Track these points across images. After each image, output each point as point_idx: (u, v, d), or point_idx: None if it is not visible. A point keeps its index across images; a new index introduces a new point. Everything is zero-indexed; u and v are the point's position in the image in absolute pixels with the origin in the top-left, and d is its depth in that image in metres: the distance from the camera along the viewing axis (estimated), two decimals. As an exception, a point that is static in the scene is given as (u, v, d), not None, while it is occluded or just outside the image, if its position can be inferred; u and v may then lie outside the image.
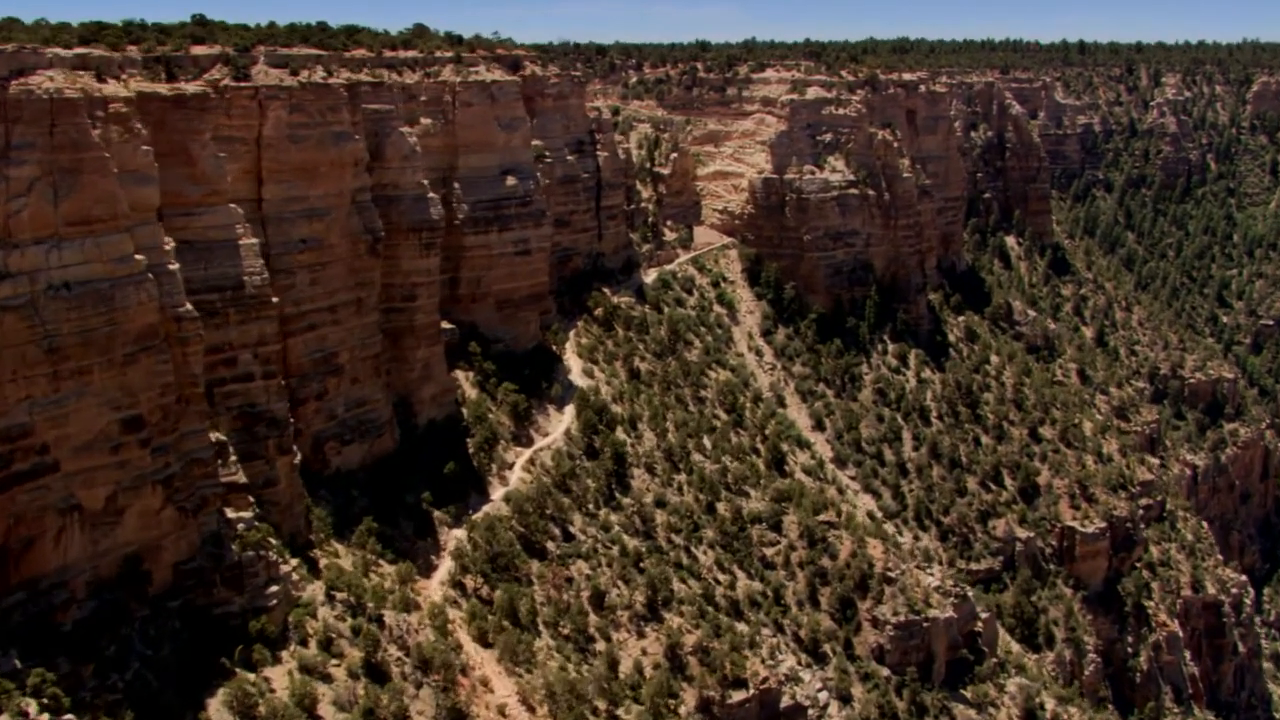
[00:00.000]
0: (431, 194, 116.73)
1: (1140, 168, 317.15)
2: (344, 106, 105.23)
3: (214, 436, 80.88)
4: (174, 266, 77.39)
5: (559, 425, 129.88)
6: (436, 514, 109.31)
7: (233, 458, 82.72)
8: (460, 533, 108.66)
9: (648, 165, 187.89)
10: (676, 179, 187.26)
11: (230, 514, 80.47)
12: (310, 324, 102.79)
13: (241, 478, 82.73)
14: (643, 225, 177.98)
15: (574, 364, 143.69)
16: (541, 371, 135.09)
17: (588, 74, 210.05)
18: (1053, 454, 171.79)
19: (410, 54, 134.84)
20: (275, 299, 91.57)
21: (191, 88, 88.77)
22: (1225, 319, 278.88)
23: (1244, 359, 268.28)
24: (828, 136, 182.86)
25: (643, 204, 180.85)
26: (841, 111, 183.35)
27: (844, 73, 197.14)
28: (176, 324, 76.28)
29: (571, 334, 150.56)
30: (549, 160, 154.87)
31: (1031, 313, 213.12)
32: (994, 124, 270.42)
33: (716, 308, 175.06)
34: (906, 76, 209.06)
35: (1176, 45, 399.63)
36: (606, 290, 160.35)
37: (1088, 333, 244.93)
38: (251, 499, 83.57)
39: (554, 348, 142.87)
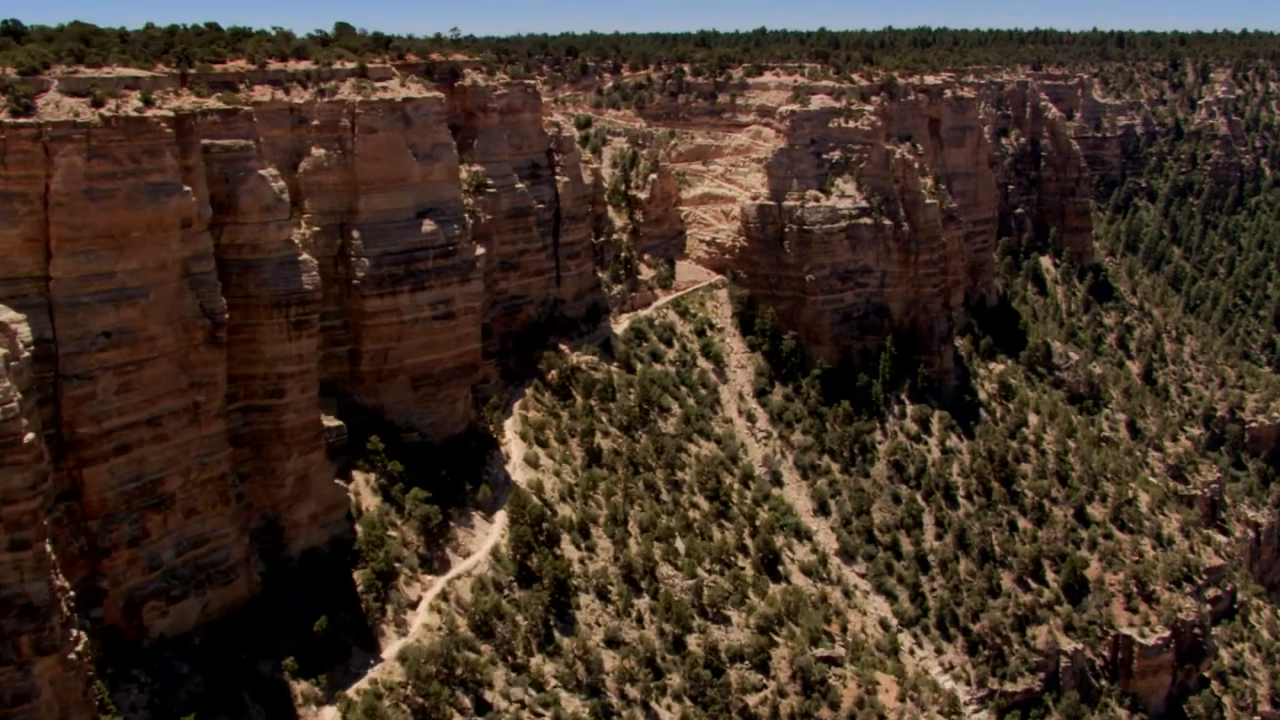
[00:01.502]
0: (305, 256, 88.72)
1: (1187, 174, 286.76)
2: (168, 148, 77.41)
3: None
4: None
5: (486, 541, 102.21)
6: (301, 687, 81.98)
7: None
8: (333, 714, 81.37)
9: (622, 187, 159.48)
10: (656, 204, 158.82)
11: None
12: (119, 445, 75.85)
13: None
14: (614, 262, 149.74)
15: (515, 450, 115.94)
16: (469, 467, 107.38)
17: (555, 77, 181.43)
18: (1103, 540, 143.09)
19: (304, 65, 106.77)
20: (32, 436, 63.65)
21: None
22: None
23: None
24: (835, 154, 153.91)
25: (615, 235, 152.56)
26: (852, 124, 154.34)
27: (855, 76, 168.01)
28: None
29: (517, 406, 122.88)
30: (492, 190, 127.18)
31: (1073, 355, 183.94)
32: (1027, 129, 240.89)
33: (701, 362, 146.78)
34: (929, 79, 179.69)
35: (1226, 35, 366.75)
36: (564, 347, 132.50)
37: (1134, 369, 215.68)
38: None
39: (490, 429, 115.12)
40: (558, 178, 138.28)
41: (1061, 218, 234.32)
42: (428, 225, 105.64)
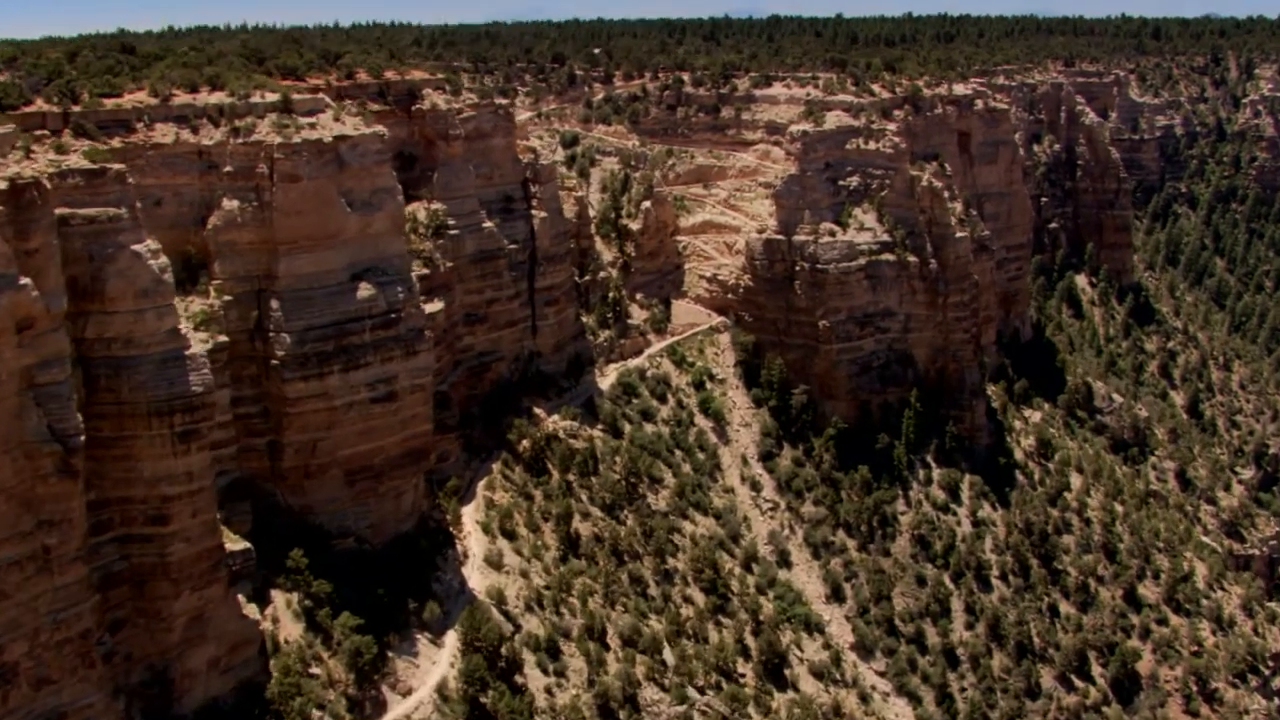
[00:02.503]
0: (194, 349, 71.50)
1: (1230, 178, 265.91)
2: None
3: None
4: None
5: (432, 674, 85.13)
6: None
7: None
8: None
9: (612, 216, 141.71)
10: (650, 235, 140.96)
11: None
12: (-65, 612, 58.86)
13: None
14: (601, 304, 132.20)
15: (476, 546, 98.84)
16: (415, 576, 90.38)
17: (538, 88, 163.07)
18: (1157, 625, 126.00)
19: (218, 98, 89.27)
20: None
21: None
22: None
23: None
24: (853, 180, 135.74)
25: (603, 272, 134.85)
26: (872, 145, 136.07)
27: (876, 87, 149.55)
28: None
29: (481, 487, 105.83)
30: (454, 232, 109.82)
31: (1116, 397, 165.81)
32: (1062, 135, 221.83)
33: (699, 420, 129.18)
34: (958, 89, 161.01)
35: (1264, 23, 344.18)
36: (540, 411, 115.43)
37: (1178, 400, 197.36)
38: None
39: (447, 520, 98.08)
40: (534, 212, 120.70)
41: (1099, 232, 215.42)
42: (364, 289, 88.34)
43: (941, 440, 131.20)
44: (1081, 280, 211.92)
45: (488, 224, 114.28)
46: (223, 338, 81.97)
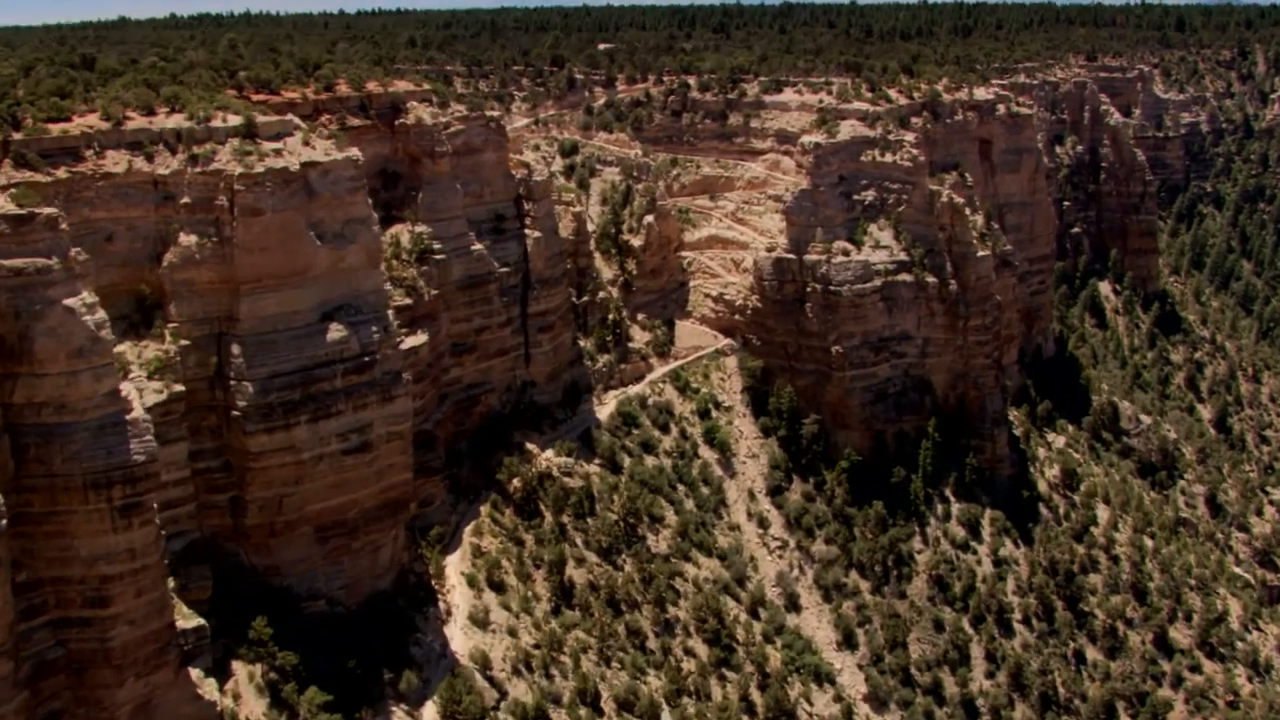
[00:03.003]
0: (135, 412, 64.28)
1: (1258, 177, 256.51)
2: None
3: None
4: None
5: (407, 752, 78.21)
6: None
7: None
8: None
9: (613, 231, 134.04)
10: (653, 252, 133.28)
11: None
12: None
13: None
14: (599, 327, 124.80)
15: (461, 600, 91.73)
16: (392, 640, 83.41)
17: (536, 93, 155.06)
18: (1190, 673, 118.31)
19: (176, 121, 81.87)
20: None
21: None
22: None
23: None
24: (869, 194, 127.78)
25: (602, 293, 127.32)
26: (889, 158, 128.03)
27: (893, 93, 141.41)
28: None
29: (468, 532, 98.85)
30: (440, 257, 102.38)
31: (1144, 418, 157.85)
32: (1085, 136, 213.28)
33: (704, 451, 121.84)
34: (979, 93, 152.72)
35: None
36: (533, 446, 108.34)
37: (1205, 414, 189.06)
38: None
39: (429, 574, 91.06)
40: (528, 232, 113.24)
41: (1123, 238, 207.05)
42: (335, 330, 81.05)
43: (961, 472, 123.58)
44: (1105, 288, 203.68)
45: (477, 246, 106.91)
46: (179, 387, 75.04)
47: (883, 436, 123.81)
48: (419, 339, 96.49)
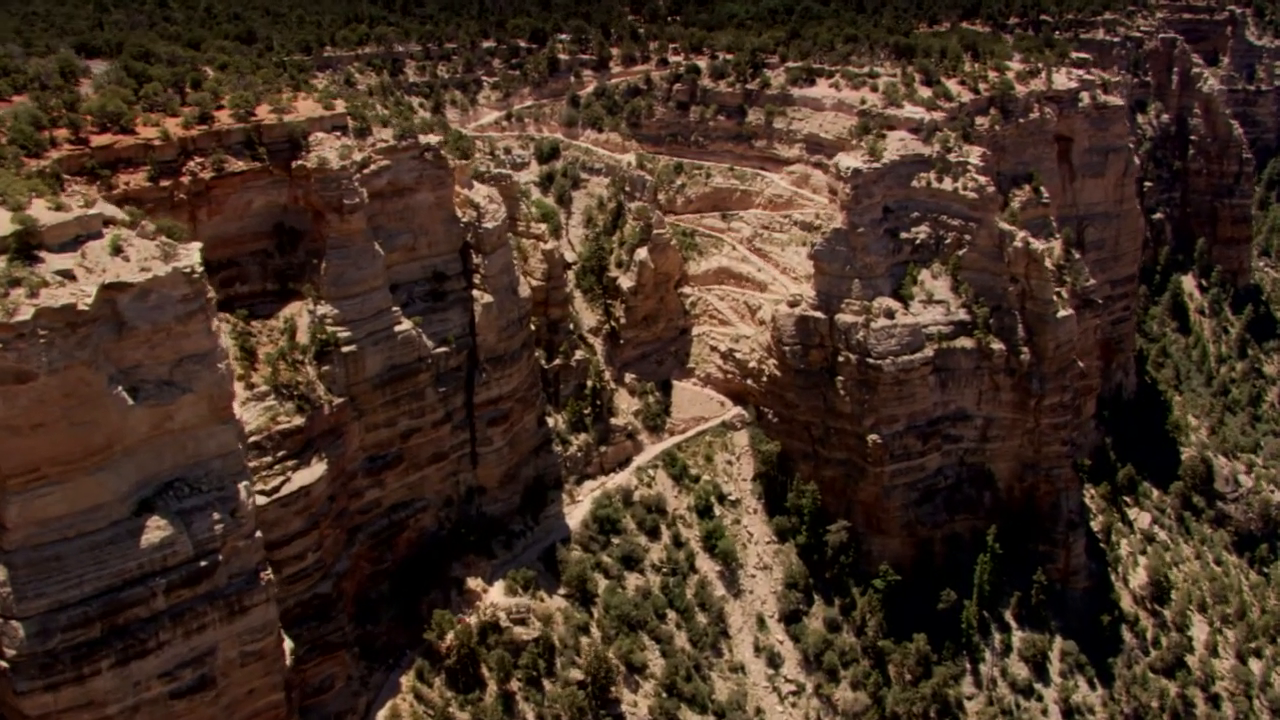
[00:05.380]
0: None
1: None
2: None
3: None
4: None
5: None
6: None
7: None
8: None
9: (597, 266, 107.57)
10: (647, 294, 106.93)
11: None
12: None
13: None
14: (575, 398, 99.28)
15: (359, 845, 68.50)
16: None
17: (509, 79, 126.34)
18: None
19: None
20: None
21: None
22: None
23: None
24: (920, 231, 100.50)
25: (581, 351, 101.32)
26: (948, 185, 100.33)
27: (953, 84, 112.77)
28: None
29: (382, 716, 75.19)
30: (350, 349, 77.10)
31: (1243, 479, 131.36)
32: (1172, 103, 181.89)
33: (703, 562, 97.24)
34: (1057, 81, 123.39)
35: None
36: (475, 582, 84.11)
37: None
38: None
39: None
40: (476, 294, 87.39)
41: (1213, 224, 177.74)
42: (155, 528, 56.74)
43: (1026, 591, 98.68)
44: (1189, 283, 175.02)
45: (403, 326, 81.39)
46: (-86, 636, 51.21)
47: (929, 545, 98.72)
48: (312, 472, 72.09)
